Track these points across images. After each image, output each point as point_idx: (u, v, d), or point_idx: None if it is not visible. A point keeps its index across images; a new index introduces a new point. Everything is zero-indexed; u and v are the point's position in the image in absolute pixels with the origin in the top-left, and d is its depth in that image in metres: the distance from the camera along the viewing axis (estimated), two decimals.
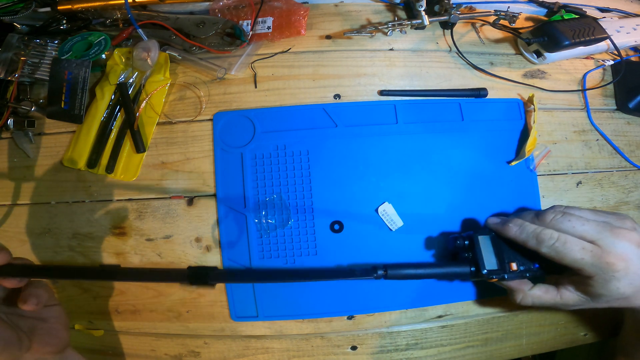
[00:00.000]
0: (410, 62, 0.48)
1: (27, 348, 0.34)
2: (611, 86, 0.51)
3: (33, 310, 0.34)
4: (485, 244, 0.39)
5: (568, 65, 0.51)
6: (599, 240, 0.34)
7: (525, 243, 0.37)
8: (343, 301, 0.44)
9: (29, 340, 0.35)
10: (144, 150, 0.45)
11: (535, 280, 0.40)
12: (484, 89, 0.47)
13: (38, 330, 0.36)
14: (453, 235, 0.42)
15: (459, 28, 0.51)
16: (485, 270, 0.37)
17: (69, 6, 0.46)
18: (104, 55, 0.46)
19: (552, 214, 0.37)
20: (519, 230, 0.37)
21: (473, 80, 0.49)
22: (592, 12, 0.54)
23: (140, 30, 0.45)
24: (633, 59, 0.53)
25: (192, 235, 0.44)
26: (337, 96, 0.47)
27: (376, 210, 0.44)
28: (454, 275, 0.39)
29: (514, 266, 0.38)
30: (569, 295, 0.37)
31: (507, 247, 0.39)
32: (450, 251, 0.43)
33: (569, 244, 0.34)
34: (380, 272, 0.36)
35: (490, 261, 0.38)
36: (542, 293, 0.38)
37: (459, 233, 0.43)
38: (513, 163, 0.46)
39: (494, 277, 0.37)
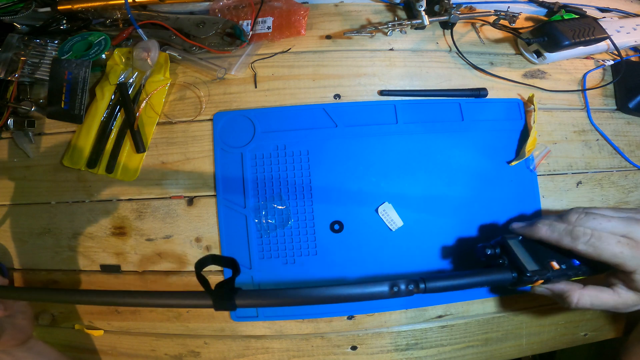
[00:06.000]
0: (410, 62, 0.48)
1: None
2: (611, 86, 0.51)
3: None
4: (518, 247, 0.37)
5: (568, 65, 0.51)
6: (630, 233, 0.33)
7: (559, 242, 0.35)
8: None
9: None
10: (144, 150, 0.45)
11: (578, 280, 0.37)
12: (484, 89, 0.47)
13: (3, 325, 0.37)
14: (482, 245, 0.39)
15: (459, 28, 0.51)
16: (529, 272, 0.34)
17: (69, 6, 0.46)
18: (104, 55, 0.46)
19: (575, 214, 0.36)
20: (550, 229, 0.36)
21: (473, 80, 0.48)
22: (592, 12, 0.53)
23: (140, 30, 0.45)
24: (633, 59, 0.53)
25: (192, 235, 0.44)
26: (337, 96, 0.47)
27: (376, 210, 0.44)
28: (495, 283, 0.36)
29: (555, 265, 0.35)
30: (627, 294, 0.35)
31: (540, 247, 0.37)
32: (482, 262, 0.40)
33: (604, 237, 0.33)
34: (421, 286, 0.33)
35: (529, 263, 0.35)
36: (598, 292, 0.36)
37: (485, 242, 0.40)
38: (513, 163, 0.46)
39: (538, 278, 0.35)
